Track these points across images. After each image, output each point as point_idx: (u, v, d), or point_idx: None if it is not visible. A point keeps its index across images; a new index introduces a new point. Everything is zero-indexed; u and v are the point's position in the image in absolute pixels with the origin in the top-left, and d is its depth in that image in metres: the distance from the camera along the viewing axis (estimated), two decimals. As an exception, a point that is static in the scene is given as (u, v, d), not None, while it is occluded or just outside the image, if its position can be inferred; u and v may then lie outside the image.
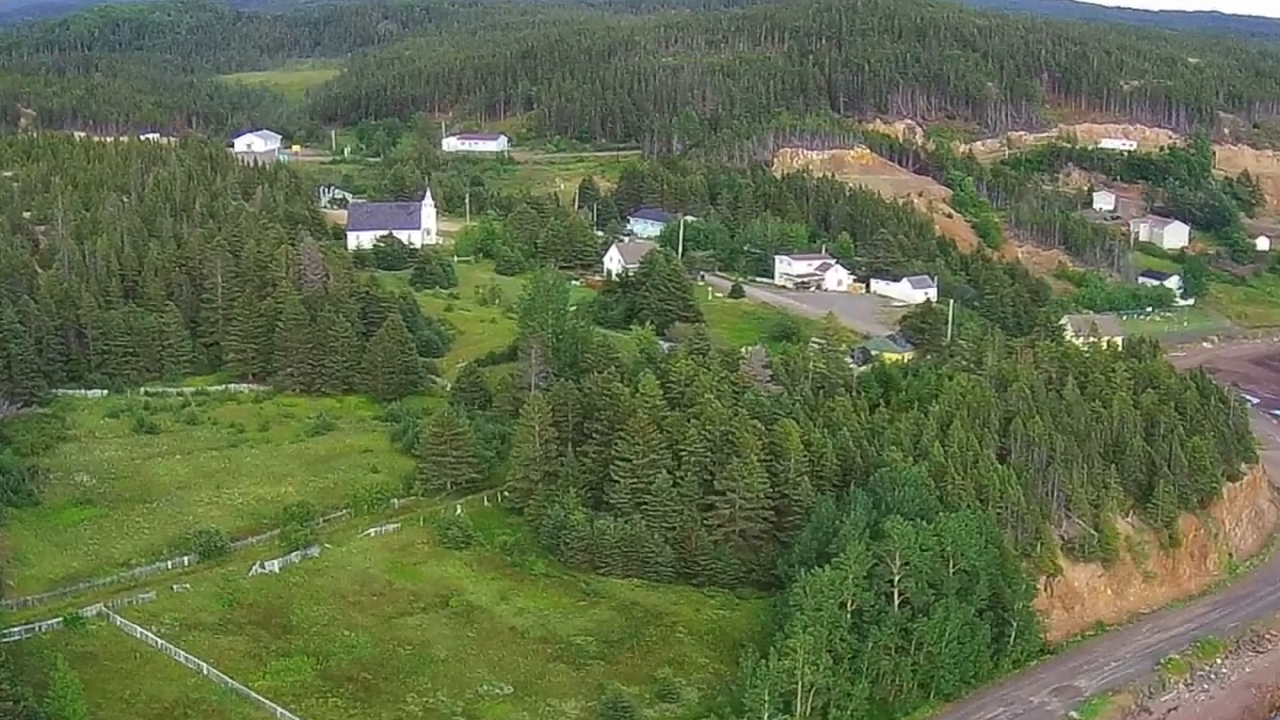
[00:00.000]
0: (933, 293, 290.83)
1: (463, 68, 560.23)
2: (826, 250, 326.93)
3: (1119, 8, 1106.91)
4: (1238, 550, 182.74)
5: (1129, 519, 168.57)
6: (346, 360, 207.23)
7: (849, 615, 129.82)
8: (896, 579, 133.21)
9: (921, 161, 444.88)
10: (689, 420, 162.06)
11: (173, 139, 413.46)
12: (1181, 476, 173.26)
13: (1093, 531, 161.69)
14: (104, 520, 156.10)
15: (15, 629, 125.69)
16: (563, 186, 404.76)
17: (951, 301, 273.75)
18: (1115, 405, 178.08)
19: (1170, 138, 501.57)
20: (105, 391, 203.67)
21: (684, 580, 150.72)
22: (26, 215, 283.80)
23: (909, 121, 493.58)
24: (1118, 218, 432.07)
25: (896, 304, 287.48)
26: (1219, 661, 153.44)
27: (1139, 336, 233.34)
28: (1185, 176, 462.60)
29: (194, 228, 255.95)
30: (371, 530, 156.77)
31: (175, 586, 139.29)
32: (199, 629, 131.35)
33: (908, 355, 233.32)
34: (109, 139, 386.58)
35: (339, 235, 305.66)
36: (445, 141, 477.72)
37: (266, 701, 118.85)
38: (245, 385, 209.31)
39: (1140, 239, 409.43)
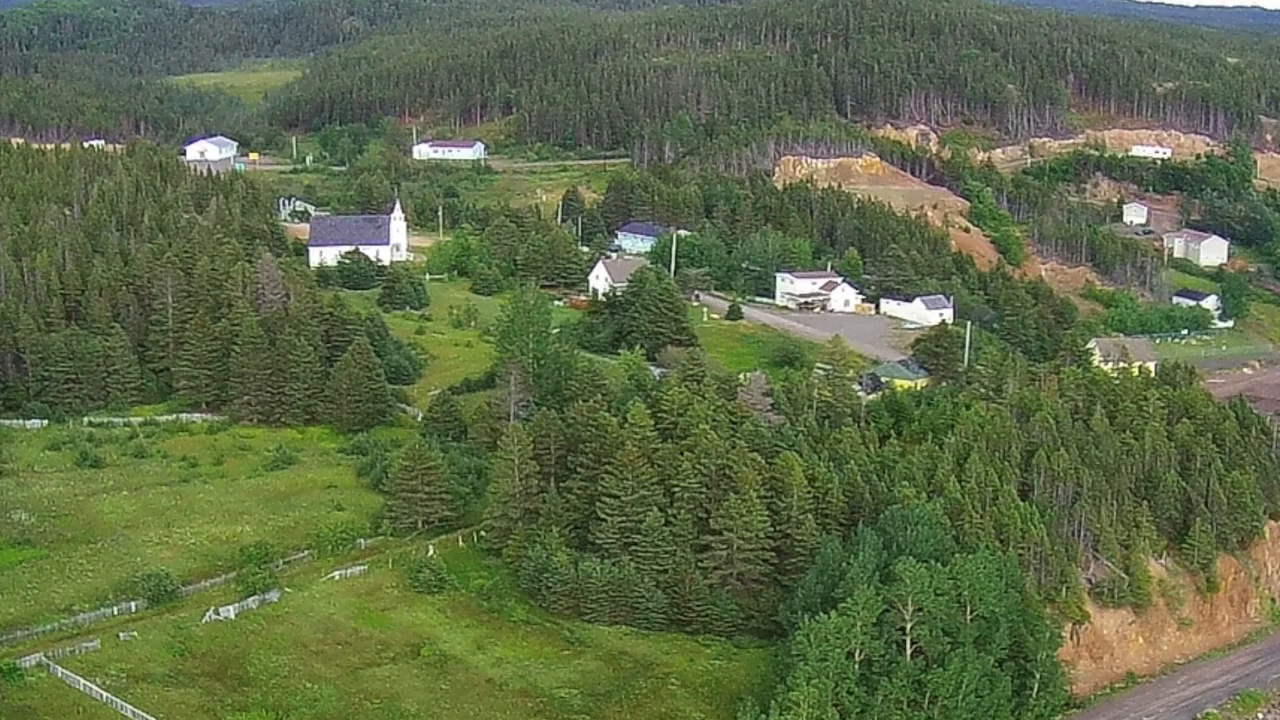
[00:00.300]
0: (948, 314, 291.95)
1: (435, 68, 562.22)
2: (832, 268, 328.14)
3: (1151, 3, 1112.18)
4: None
5: (1162, 561, 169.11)
6: (308, 388, 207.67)
7: (857, 666, 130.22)
8: (909, 626, 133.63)
9: (936, 171, 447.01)
10: (682, 453, 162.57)
11: (119, 146, 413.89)
12: (1220, 515, 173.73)
13: (1123, 574, 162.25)
14: (44, 562, 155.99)
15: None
16: (544, 198, 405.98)
17: (969, 323, 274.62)
18: (1147, 437, 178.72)
19: (1207, 145, 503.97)
20: (45, 421, 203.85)
21: (677, 628, 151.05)
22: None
23: (922, 127, 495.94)
24: (1150, 232, 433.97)
25: (909, 326, 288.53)
26: (1261, 716, 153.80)
27: (1173, 362, 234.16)
28: (1224, 187, 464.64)
29: (142, 243, 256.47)
30: (336, 573, 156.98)
31: (122, 634, 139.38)
32: (148, 681, 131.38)
33: (921, 382, 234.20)
34: (49, 146, 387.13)
35: (300, 251, 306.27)
36: (416, 149, 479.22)
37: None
38: (198, 415, 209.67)
39: (1175, 255, 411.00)
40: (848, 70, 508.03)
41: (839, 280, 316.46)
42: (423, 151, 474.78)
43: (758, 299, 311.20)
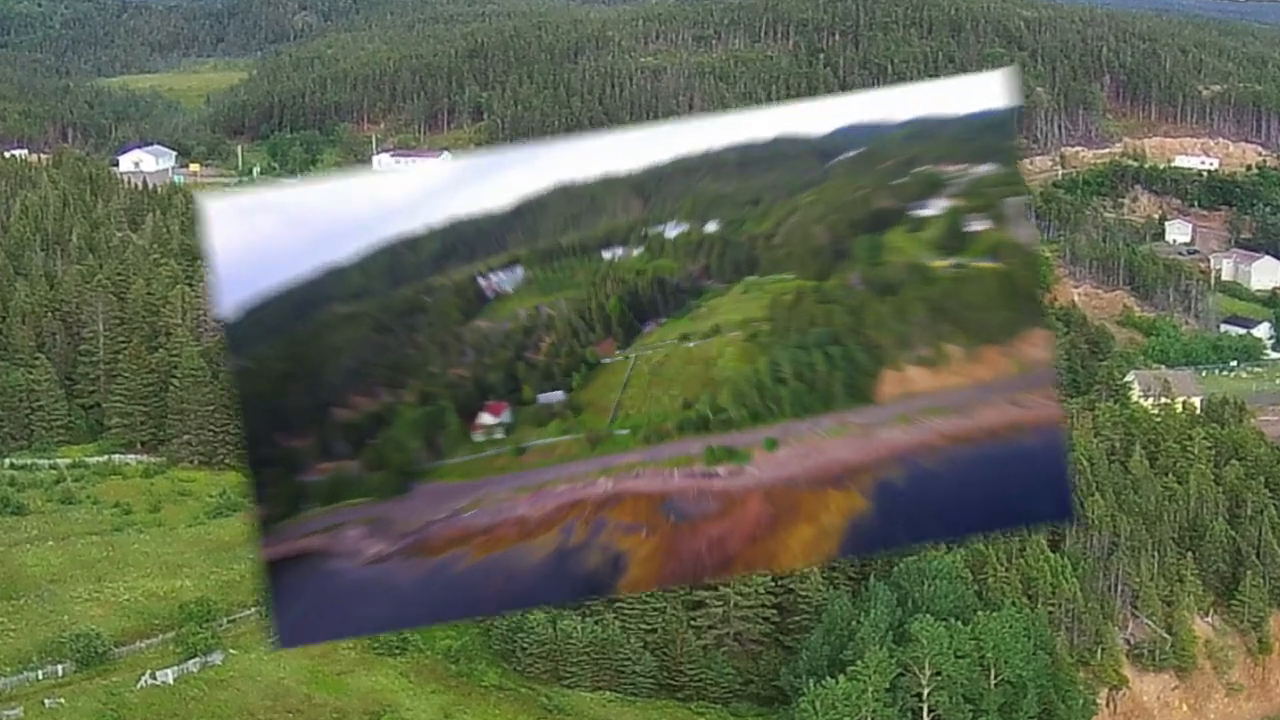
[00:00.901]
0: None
1: (397, 69, 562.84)
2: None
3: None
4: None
5: (1209, 619, 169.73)
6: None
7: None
8: (926, 692, 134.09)
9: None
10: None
11: (44, 156, 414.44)
12: (1273, 568, 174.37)
13: (1165, 634, 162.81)
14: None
15: None
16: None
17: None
18: (1192, 480, 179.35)
19: (1259, 155, 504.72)
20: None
21: (667, 693, 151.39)
22: None
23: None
24: (1195, 252, 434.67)
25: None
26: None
27: (1221, 396, 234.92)
28: (1278, 202, 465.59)
29: (70, 264, 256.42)
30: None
31: (48, 701, 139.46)
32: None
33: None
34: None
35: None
36: (376, 159, 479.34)
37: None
38: (132, 456, 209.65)
39: (1223, 278, 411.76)
40: (858, 71, 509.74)
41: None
42: (384, 162, 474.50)
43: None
